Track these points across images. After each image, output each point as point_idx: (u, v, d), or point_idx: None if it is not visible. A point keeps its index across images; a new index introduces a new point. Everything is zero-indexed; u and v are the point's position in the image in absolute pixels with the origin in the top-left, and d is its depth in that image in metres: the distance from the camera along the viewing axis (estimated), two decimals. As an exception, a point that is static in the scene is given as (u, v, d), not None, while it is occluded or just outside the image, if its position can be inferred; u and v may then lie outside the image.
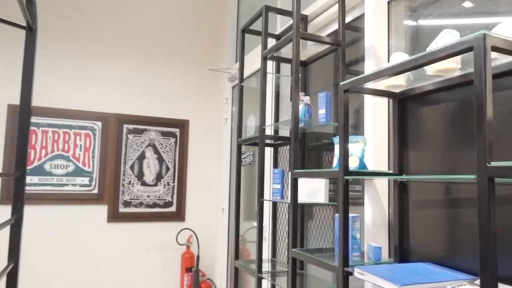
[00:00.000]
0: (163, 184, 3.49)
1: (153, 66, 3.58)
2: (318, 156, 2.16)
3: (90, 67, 3.36)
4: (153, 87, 3.57)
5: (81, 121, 3.26)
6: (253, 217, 3.00)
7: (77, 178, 3.21)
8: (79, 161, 3.23)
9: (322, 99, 1.83)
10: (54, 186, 3.15)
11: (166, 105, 3.59)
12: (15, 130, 3.06)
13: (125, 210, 3.35)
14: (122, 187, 3.35)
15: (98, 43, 3.41)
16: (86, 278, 3.21)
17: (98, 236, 3.27)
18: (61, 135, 3.20)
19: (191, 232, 3.55)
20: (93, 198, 3.26)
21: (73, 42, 3.33)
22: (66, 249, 3.17)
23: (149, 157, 3.47)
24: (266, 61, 2.09)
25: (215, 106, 3.79)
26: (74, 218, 3.21)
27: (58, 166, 3.17)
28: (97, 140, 3.30)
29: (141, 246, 3.40)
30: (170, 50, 3.66)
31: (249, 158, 3.00)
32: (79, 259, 3.20)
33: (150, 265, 3.42)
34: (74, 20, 3.35)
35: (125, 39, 3.50)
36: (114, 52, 3.45)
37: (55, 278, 3.12)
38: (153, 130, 3.50)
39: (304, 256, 1.50)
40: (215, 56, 3.83)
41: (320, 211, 2.10)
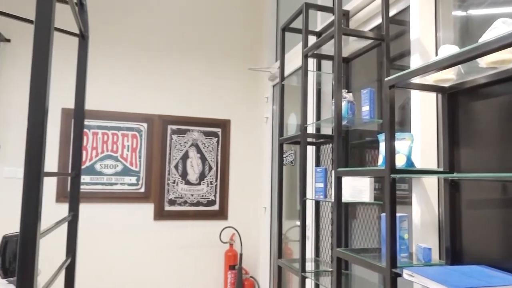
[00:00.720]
0: (206, 183, 3.56)
1: (195, 68, 3.66)
2: (361, 154, 2.12)
3: (136, 71, 3.49)
4: (195, 88, 3.65)
5: (128, 122, 3.40)
6: (294, 216, 2.98)
7: (125, 177, 3.35)
8: (127, 161, 3.37)
9: (366, 95, 1.78)
10: (104, 185, 3.30)
11: (208, 106, 3.66)
12: (69, 132, 3.25)
13: (170, 208, 3.45)
14: (167, 186, 3.45)
15: (143, 48, 3.53)
16: (134, 272, 3.35)
17: (145, 233, 3.40)
18: (110, 137, 3.35)
19: (234, 231, 3.60)
20: (140, 196, 3.39)
21: (119, 48, 3.47)
22: (115, 244, 3.32)
23: (192, 156, 3.55)
24: (307, 59, 2.07)
25: (256, 105, 3.81)
26: (123, 216, 3.36)
27: (108, 166, 3.32)
28: (143, 140, 3.43)
29: (186, 244, 3.49)
30: (211, 52, 3.72)
31: (290, 157, 2.99)
32: (127, 255, 3.34)
33: (194, 262, 3.50)
34: (120, 27, 3.50)
35: (168, 42, 3.61)
36: (158, 56, 3.56)
37: (105, 272, 3.28)
38: (196, 130, 3.58)
39: (350, 256, 1.47)
40: (255, 56, 3.85)
41: (364, 210, 2.05)
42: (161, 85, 3.56)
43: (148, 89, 3.52)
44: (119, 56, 3.46)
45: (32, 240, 0.74)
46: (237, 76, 3.78)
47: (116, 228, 3.33)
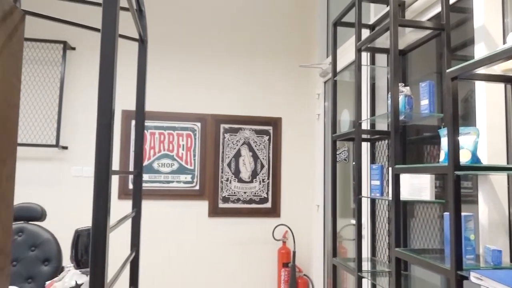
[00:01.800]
0: (259, 181, 3.59)
1: (246, 67, 3.70)
2: (419, 151, 2.02)
3: (189, 72, 3.60)
4: (247, 87, 3.69)
5: (182, 122, 3.52)
6: (348, 215, 2.92)
7: (181, 175, 3.48)
8: (182, 160, 3.49)
9: (425, 89, 1.70)
10: (162, 183, 3.45)
11: (259, 104, 3.69)
12: (128, 133, 3.43)
13: (224, 205, 3.53)
14: (221, 183, 3.53)
15: (195, 50, 3.64)
16: (189, 267, 3.46)
17: (200, 229, 3.50)
18: (166, 136, 3.49)
19: (287, 228, 3.60)
20: (195, 194, 3.50)
21: (173, 50, 3.60)
22: (172, 240, 3.46)
23: (245, 154, 3.60)
24: (361, 53, 2.01)
25: (307, 102, 3.78)
26: (179, 212, 3.48)
27: (165, 165, 3.46)
28: (197, 140, 3.53)
29: (240, 240, 3.55)
30: (261, 50, 3.75)
31: (344, 154, 2.93)
32: (183, 249, 3.46)
33: (248, 259, 3.55)
34: (172, 30, 3.62)
35: (220, 43, 3.68)
36: (210, 57, 3.65)
37: (161, 265, 3.42)
38: (248, 128, 3.62)
39: (409, 256, 1.42)
40: (306, 53, 3.82)
41: (423, 209, 1.96)
42: (213, 85, 3.64)
43: (201, 90, 3.62)
44: (173, 59, 3.59)
45: (103, 234, 0.79)
46: (288, 73, 3.77)
47: (173, 224, 3.47)
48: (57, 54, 3.38)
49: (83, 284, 1.00)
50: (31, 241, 2.10)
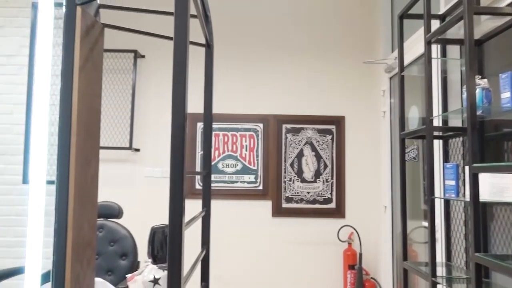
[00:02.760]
0: (322, 181, 3.55)
1: (307, 65, 3.67)
2: (499, 148, 1.86)
3: (251, 74, 3.66)
4: (308, 86, 3.66)
5: (245, 124, 3.59)
6: (418, 216, 2.78)
7: (244, 175, 3.54)
8: (246, 160, 3.56)
9: (505, 80, 1.56)
10: (226, 183, 3.54)
11: (321, 103, 3.64)
12: (193, 135, 3.56)
13: (288, 205, 3.53)
14: (284, 183, 3.54)
15: (255, 52, 3.68)
16: (253, 266, 3.51)
17: (264, 229, 3.54)
18: (229, 138, 3.58)
19: (352, 229, 3.51)
20: (259, 194, 3.54)
21: (233, 53, 3.68)
22: (236, 238, 3.53)
23: (307, 154, 3.57)
24: (430, 45, 1.90)
25: (371, 99, 3.65)
26: (243, 212, 3.55)
27: (229, 165, 3.55)
28: (260, 140, 3.58)
29: (304, 241, 3.53)
30: (322, 47, 3.69)
31: (412, 152, 2.79)
32: (247, 249, 3.52)
33: (312, 260, 3.52)
34: (232, 32, 3.70)
35: (280, 43, 3.69)
36: (270, 57, 3.68)
37: (227, 264, 3.51)
38: (310, 128, 3.59)
39: (492, 262, 1.31)
40: (369, 48, 3.69)
41: (506, 211, 1.80)
42: (275, 85, 3.66)
43: (263, 91, 3.65)
44: (234, 61, 3.67)
45: (179, 231, 0.83)
46: (350, 71, 3.68)
47: (237, 223, 3.54)
48: (129, 62, 3.62)
49: (160, 278, 1.05)
50: (110, 237, 2.27)
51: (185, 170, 0.85)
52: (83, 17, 1.10)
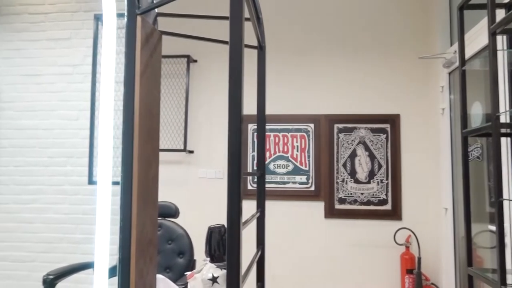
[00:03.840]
0: (376, 182, 3.44)
1: (358, 63, 3.58)
2: None
3: (301, 74, 3.64)
4: (360, 84, 3.57)
5: (296, 124, 3.57)
6: (482, 219, 2.60)
7: (296, 176, 3.53)
8: (297, 161, 3.54)
9: None
10: (278, 184, 3.55)
11: (374, 101, 3.54)
12: (245, 136, 3.61)
13: (341, 206, 3.46)
14: (336, 184, 3.48)
15: (304, 51, 3.66)
16: (305, 268, 3.48)
17: (316, 230, 3.50)
18: (280, 138, 3.58)
19: (410, 232, 3.36)
20: (311, 194, 3.51)
21: (284, 53, 3.68)
22: (289, 239, 3.52)
23: (360, 154, 3.48)
24: (495, 37, 1.78)
25: (429, 96, 3.48)
26: (295, 213, 3.53)
27: (280, 166, 3.55)
28: (311, 140, 3.54)
29: (358, 243, 3.44)
30: (375, 43, 3.58)
31: (476, 151, 2.62)
32: (299, 250, 3.50)
33: (367, 262, 3.42)
34: (282, 32, 3.70)
35: (331, 41, 3.64)
36: (320, 56, 3.63)
37: (279, 265, 3.51)
38: (363, 127, 3.50)
39: None
40: (425, 43, 3.53)
41: None
42: (325, 84, 3.61)
43: (313, 90, 3.62)
44: (283, 62, 3.67)
45: (237, 230, 0.85)
46: (405, 67, 3.53)
47: (289, 223, 3.53)
48: (182, 67, 3.74)
49: (219, 277, 1.08)
50: (168, 236, 2.37)
51: (242, 171, 0.87)
52: (143, 26, 1.16)
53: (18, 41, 3.05)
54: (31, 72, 2.99)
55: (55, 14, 3.06)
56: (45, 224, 2.90)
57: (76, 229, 2.91)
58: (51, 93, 2.97)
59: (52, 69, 2.99)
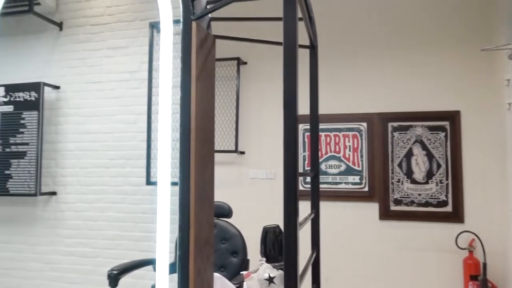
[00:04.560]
0: (435, 182, 3.27)
1: (413, 57, 3.43)
2: None
3: (351, 72, 3.56)
4: (415, 79, 3.42)
5: (348, 123, 3.49)
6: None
7: (348, 176, 3.45)
8: (349, 161, 3.46)
9: None
10: (330, 184, 3.49)
11: (431, 97, 3.37)
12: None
13: (396, 208, 3.33)
14: (392, 185, 3.35)
15: (355, 49, 3.57)
16: (359, 270, 3.39)
17: (370, 233, 3.40)
18: (332, 138, 3.52)
19: (473, 236, 3.16)
20: (364, 195, 3.41)
21: (334, 51, 3.61)
22: (342, 241, 3.45)
23: (417, 154, 3.33)
24: None
25: (492, 91, 3.25)
26: (348, 214, 3.46)
27: (332, 166, 3.49)
28: (364, 140, 3.45)
29: (415, 246, 3.29)
30: (431, 37, 3.41)
31: (549, 148, 2.40)
32: (353, 252, 3.41)
33: (425, 267, 3.26)
34: (332, 30, 3.63)
35: (384, 36, 3.52)
36: (372, 52, 3.52)
37: (332, 266, 3.44)
38: (419, 125, 3.34)
39: None
40: (486, 33, 3.30)
41: None
42: (377, 82, 3.50)
43: (365, 88, 3.52)
44: (333, 60, 3.60)
45: (294, 231, 0.84)
46: (465, 60, 3.33)
47: (342, 225, 3.46)
48: (232, 69, 3.81)
49: (275, 277, 1.08)
50: (222, 235, 2.41)
51: (297, 171, 0.86)
52: (198, 31, 1.19)
53: (82, 51, 3.26)
54: (94, 80, 3.19)
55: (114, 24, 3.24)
56: (107, 222, 3.07)
57: (135, 227, 3.06)
58: (111, 99, 3.15)
59: (112, 76, 3.16)
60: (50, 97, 3.25)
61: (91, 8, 3.27)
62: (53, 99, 3.26)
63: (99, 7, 3.26)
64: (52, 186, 3.21)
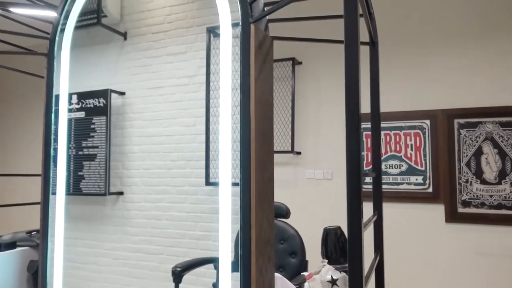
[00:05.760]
0: (509, 183, 3.02)
1: (482, 47, 3.20)
2: None
3: (413, 66, 3.39)
4: (485, 71, 3.18)
5: (409, 121, 3.34)
6: None
7: (410, 177, 3.29)
8: (411, 161, 3.30)
9: None
10: (390, 185, 3.36)
11: (502, 91, 3.11)
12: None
13: (465, 210, 3.12)
14: (459, 185, 3.15)
15: (416, 42, 3.40)
16: (424, 276, 3.21)
17: (436, 236, 3.21)
18: (392, 137, 3.38)
19: (555, 242, 2.88)
20: (428, 196, 3.24)
21: (390, 47, 3.47)
22: (403, 244, 3.29)
23: (488, 152, 3.09)
24: None
25: None
26: (410, 216, 3.30)
27: (392, 166, 3.36)
28: (427, 138, 3.27)
29: (487, 251, 3.06)
30: (500, 22, 3.16)
31: None
32: (416, 257, 3.25)
33: (499, 274, 3.02)
34: (388, 25, 3.49)
35: (446, 25, 3.32)
36: (434, 45, 3.34)
37: (394, 270, 3.30)
38: (489, 121, 3.11)
39: None
40: None
41: None
42: (442, 76, 3.30)
43: (428, 84, 3.34)
44: (393, 54, 3.46)
45: (358, 233, 0.82)
46: (542, 49, 3.04)
47: (404, 227, 3.31)
48: (287, 70, 3.80)
49: (338, 279, 1.06)
50: (280, 235, 2.42)
51: (362, 171, 0.84)
52: (256, 33, 1.20)
53: (144, 58, 3.44)
54: (155, 85, 3.35)
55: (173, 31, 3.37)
56: (170, 221, 3.21)
57: (195, 226, 3.16)
58: (171, 103, 3.28)
59: (172, 81, 3.30)
60: (116, 103, 3.47)
61: (152, 17, 3.44)
62: (119, 104, 3.47)
63: (160, 16, 3.42)
64: (119, 186, 3.41)
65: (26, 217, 5.09)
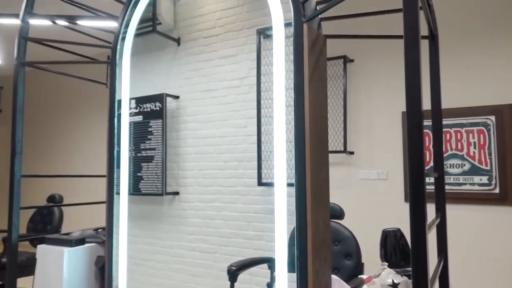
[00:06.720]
0: None
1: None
2: None
3: (476, 58, 3.19)
4: (558, 64, 2.91)
5: (471, 118, 3.14)
6: None
7: (474, 177, 3.10)
8: (475, 159, 3.10)
9: None
10: (451, 185, 3.17)
11: None
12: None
13: (537, 213, 2.88)
14: (530, 186, 2.91)
15: (479, 29, 3.18)
16: (489, 284, 3.00)
17: (504, 241, 2.99)
18: (452, 135, 3.20)
19: None
20: (495, 198, 3.02)
21: (450, 39, 3.28)
22: (469, 249, 3.10)
23: None
24: None
25: None
26: (474, 218, 3.10)
27: (453, 166, 3.18)
28: (492, 135, 3.06)
29: None
30: None
31: None
32: (482, 263, 3.04)
33: None
34: (451, 17, 3.30)
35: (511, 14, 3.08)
36: (499, 34, 3.11)
37: (456, 277, 3.11)
38: None
39: None
40: None
41: None
42: (508, 68, 3.07)
43: (492, 77, 3.12)
44: (455, 46, 3.27)
45: (423, 236, 0.79)
46: None
47: (468, 231, 3.11)
48: (339, 68, 3.73)
49: (400, 283, 1.03)
50: (335, 237, 2.37)
51: (424, 170, 0.80)
52: (309, 32, 1.20)
53: (196, 63, 3.54)
54: (207, 88, 3.44)
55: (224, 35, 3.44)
56: (223, 220, 3.27)
57: (248, 226, 3.19)
58: (223, 105, 3.35)
59: (223, 83, 3.36)
60: (171, 106, 3.60)
61: (204, 22, 3.53)
62: (173, 108, 3.60)
63: (211, 20, 3.50)
64: (175, 186, 3.54)
65: (91, 215, 5.45)
